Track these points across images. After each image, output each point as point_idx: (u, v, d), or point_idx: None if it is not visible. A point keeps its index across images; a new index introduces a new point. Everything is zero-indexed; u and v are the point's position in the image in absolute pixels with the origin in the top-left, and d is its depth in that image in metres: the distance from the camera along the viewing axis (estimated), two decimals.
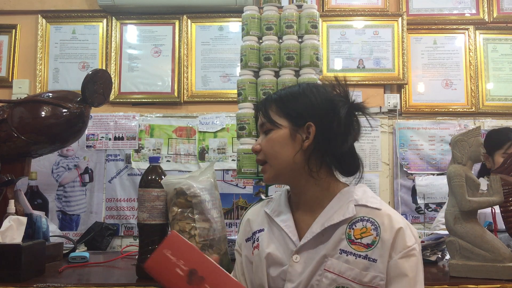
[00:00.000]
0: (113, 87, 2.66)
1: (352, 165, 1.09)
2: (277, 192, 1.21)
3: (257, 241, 1.10)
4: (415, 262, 0.99)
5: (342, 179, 1.11)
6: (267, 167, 1.08)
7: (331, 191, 1.07)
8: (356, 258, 0.98)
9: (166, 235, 1.41)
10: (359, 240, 1.00)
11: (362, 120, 1.09)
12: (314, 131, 1.04)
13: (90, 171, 2.91)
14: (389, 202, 2.90)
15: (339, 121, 1.03)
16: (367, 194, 1.07)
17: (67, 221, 2.86)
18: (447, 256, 1.62)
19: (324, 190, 1.07)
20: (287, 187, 1.17)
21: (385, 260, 0.98)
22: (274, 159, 1.07)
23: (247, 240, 1.15)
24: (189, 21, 3.01)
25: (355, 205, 1.03)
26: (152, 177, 1.41)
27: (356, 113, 1.07)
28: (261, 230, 1.11)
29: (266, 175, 1.09)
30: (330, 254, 1.00)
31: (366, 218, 1.02)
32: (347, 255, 0.99)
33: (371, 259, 0.98)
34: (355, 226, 1.01)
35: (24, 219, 1.46)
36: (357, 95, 2.58)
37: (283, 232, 1.07)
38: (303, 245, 1.03)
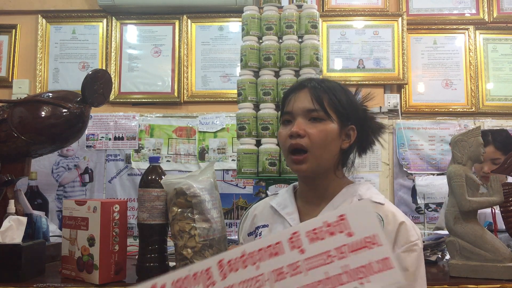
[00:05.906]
0: (113, 87, 2.66)
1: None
2: (283, 187, 1.21)
3: (259, 236, 1.11)
4: (416, 258, 1.00)
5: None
6: (308, 156, 1.04)
7: (339, 186, 1.09)
8: None
9: (166, 235, 1.42)
10: None
11: None
12: (355, 135, 1.08)
13: (90, 171, 2.91)
14: None
15: (372, 133, 1.12)
16: (371, 190, 1.09)
17: None
18: (447, 256, 1.62)
19: (336, 184, 1.09)
20: (295, 183, 1.18)
21: None
22: (322, 150, 1.04)
23: (249, 234, 1.16)
24: (189, 21, 3.01)
25: (359, 200, 1.04)
26: (152, 177, 1.41)
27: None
28: (265, 226, 1.12)
29: (306, 165, 1.04)
30: None
31: None
32: None
33: None
34: None
35: (24, 219, 1.46)
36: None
37: (288, 225, 1.07)
38: None
